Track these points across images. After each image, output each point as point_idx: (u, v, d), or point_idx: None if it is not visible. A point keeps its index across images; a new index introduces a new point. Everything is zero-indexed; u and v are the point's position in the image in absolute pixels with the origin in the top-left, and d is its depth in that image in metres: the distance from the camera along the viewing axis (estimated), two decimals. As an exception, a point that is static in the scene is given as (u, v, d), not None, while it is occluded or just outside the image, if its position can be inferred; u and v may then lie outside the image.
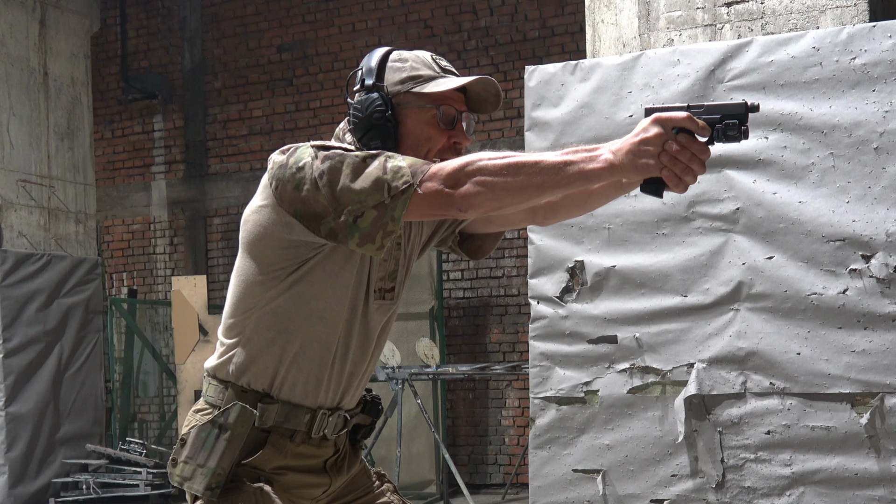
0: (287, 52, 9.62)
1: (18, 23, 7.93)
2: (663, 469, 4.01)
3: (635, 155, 1.70)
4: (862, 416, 3.72)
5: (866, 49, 3.75)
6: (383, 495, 2.23)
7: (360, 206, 1.81)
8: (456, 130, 1.99)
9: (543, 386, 4.19)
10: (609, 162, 1.71)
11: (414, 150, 1.96)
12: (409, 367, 7.29)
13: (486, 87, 2.00)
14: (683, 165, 1.70)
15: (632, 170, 1.71)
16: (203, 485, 1.96)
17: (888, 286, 3.71)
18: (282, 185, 1.87)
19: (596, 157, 1.73)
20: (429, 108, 1.97)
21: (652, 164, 1.70)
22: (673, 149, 1.69)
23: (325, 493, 2.11)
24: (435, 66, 2.01)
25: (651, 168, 1.71)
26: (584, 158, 1.73)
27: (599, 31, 4.59)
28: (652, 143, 1.69)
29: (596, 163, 1.72)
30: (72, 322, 8.04)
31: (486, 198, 1.78)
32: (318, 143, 1.90)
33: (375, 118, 1.95)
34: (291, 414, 2.00)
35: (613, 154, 1.72)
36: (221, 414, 1.98)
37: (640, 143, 1.70)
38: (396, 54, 2.02)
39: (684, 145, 1.69)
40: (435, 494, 7.93)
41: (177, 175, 10.15)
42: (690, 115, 1.71)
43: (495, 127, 8.81)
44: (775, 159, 3.87)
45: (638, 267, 4.07)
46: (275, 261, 1.94)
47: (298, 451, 2.03)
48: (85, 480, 7.86)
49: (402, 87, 1.98)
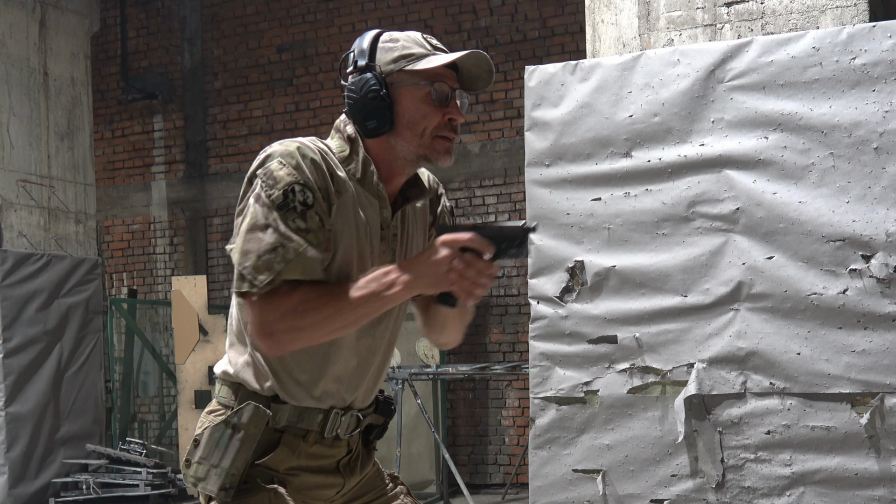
0: (287, 52, 9.62)
1: (18, 23, 7.94)
2: (663, 469, 4.01)
3: (427, 275, 1.88)
4: (862, 416, 3.72)
5: (866, 49, 3.75)
6: (397, 497, 2.23)
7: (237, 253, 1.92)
8: (451, 107, 2.00)
9: (543, 386, 4.19)
10: (406, 283, 1.88)
11: (410, 129, 1.98)
12: (409, 367, 7.30)
13: (477, 62, 2.02)
14: (471, 280, 1.86)
15: (425, 287, 1.89)
16: (217, 485, 1.96)
17: (888, 286, 3.71)
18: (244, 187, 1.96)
19: (393, 281, 1.88)
20: (423, 86, 1.98)
21: (441, 281, 1.87)
22: (460, 266, 1.85)
23: (339, 493, 2.11)
24: (426, 45, 2.02)
25: (441, 284, 1.88)
26: (384, 285, 1.89)
27: (599, 31, 4.59)
28: (441, 264, 1.86)
29: (396, 286, 1.88)
30: (72, 322, 8.04)
31: (293, 345, 1.92)
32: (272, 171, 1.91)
33: (371, 98, 1.96)
34: (304, 414, 2.00)
35: (409, 275, 1.88)
36: (234, 414, 1.98)
37: (431, 264, 1.87)
38: (388, 35, 2.04)
39: (469, 263, 1.85)
40: (435, 494, 7.93)
41: (177, 175, 10.16)
42: (474, 235, 1.86)
43: (495, 127, 8.81)
44: (775, 159, 3.87)
45: (638, 267, 4.06)
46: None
47: (312, 451, 2.03)
48: (85, 480, 7.86)
49: (395, 65, 1.98)
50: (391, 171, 2.04)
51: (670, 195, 4.02)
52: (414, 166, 2.05)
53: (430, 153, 2.00)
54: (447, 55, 2.00)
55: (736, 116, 3.92)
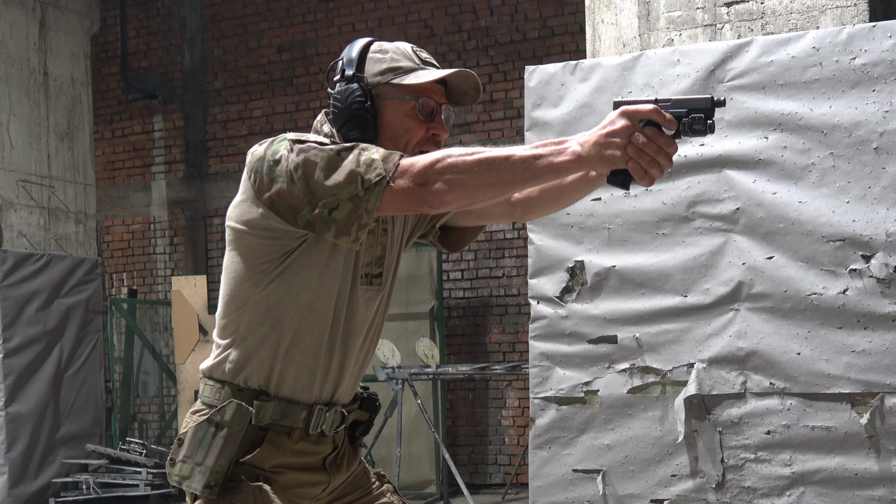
0: (287, 52, 9.62)
1: (18, 23, 7.94)
2: (663, 469, 4.01)
3: (602, 146, 1.72)
4: (862, 416, 3.72)
5: (866, 49, 3.75)
6: (384, 496, 2.22)
7: (335, 198, 1.83)
8: (435, 122, 2.00)
9: (543, 386, 4.19)
10: (577, 154, 1.74)
11: (393, 142, 1.97)
12: (409, 367, 7.29)
13: (465, 79, 2.01)
14: (649, 158, 1.72)
15: (598, 161, 1.73)
16: (202, 483, 1.96)
17: (888, 286, 3.71)
18: (259, 178, 1.90)
19: (564, 149, 1.75)
20: (408, 100, 1.98)
21: (618, 156, 1.72)
22: (640, 141, 1.71)
23: (325, 490, 2.11)
24: (415, 58, 2.02)
25: (617, 160, 1.72)
26: (552, 151, 1.75)
27: (599, 31, 4.59)
28: (618, 135, 1.71)
29: (564, 155, 1.74)
30: (72, 322, 8.03)
31: (457, 195, 1.80)
32: (294, 135, 1.91)
33: (355, 109, 1.96)
34: (288, 410, 2.00)
35: (581, 146, 1.74)
36: (218, 412, 1.98)
37: (607, 136, 1.72)
38: (377, 45, 2.03)
39: (651, 138, 1.71)
40: (435, 494, 7.93)
41: (177, 175, 10.16)
42: (657, 107, 1.72)
43: (495, 127, 8.81)
44: (775, 159, 3.87)
45: (638, 267, 4.07)
46: (260, 254, 1.95)
47: (297, 448, 2.03)
48: (85, 480, 7.86)
49: (382, 78, 1.99)
50: None
51: (670, 195, 4.02)
52: None
53: None
54: (435, 71, 2.00)
55: (736, 116, 3.92)
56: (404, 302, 8.24)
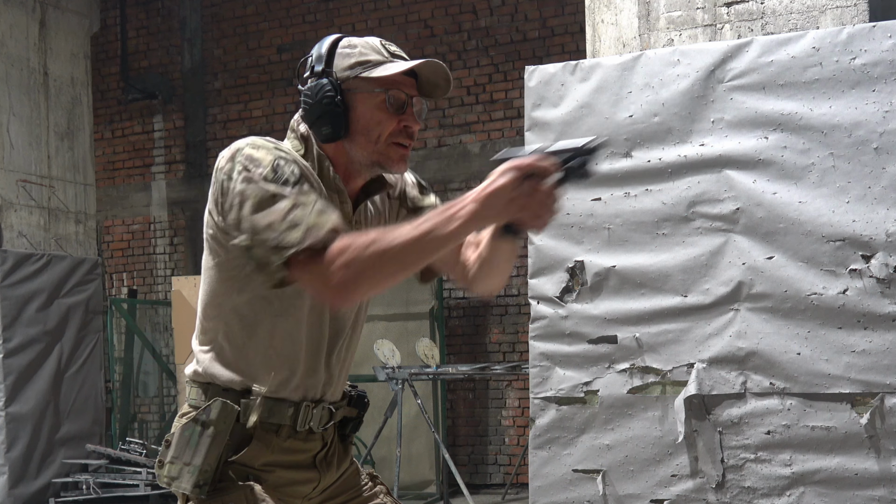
0: (287, 52, 9.62)
1: (18, 23, 7.93)
2: (663, 469, 4.01)
3: (487, 205, 1.77)
4: (862, 416, 3.72)
5: (866, 49, 3.75)
6: (376, 497, 2.22)
7: (254, 238, 1.85)
8: (406, 115, 2.00)
9: (543, 386, 4.19)
10: (467, 215, 1.78)
11: (365, 135, 1.98)
12: (409, 367, 7.29)
13: (434, 70, 2.01)
14: (537, 207, 1.78)
15: (487, 218, 1.80)
16: (191, 483, 1.96)
17: (888, 286, 3.71)
18: (215, 190, 1.92)
19: (454, 215, 1.79)
20: (378, 93, 1.98)
21: (506, 210, 1.78)
22: (524, 193, 1.76)
23: (316, 489, 2.11)
24: (384, 51, 2.02)
25: (505, 213, 1.79)
26: (443, 221, 1.79)
27: (599, 31, 4.59)
28: (503, 191, 1.76)
29: (455, 221, 1.79)
30: (72, 322, 8.03)
31: (361, 290, 1.84)
32: (252, 149, 1.89)
33: (325, 104, 1.97)
34: (275, 408, 2.00)
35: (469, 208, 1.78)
36: (203, 411, 1.98)
37: (491, 194, 1.77)
38: (346, 41, 2.04)
39: (534, 189, 1.76)
40: (435, 494, 7.93)
41: (177, 175, 10.16)
42: (537, 158, 1.77)
43: (495, 127, 8.81)
44: (775, 159, 3.87)
45: (638, 267, 4.07)
46: (227, 260, 1.96)
47: (285, 445, 2.03)
48: (85, 480, 7.86)
49: (351, 72, 1.99)
50: (348, 174, 2.04)
51: (670, 195, 4.02)
52: (370, 171, 2.04)
53: (384, 160, 2.00)
54: (402, 63, 1.99)
55: (736, 116, 3.92)
56: (404, 302, 8.24)
